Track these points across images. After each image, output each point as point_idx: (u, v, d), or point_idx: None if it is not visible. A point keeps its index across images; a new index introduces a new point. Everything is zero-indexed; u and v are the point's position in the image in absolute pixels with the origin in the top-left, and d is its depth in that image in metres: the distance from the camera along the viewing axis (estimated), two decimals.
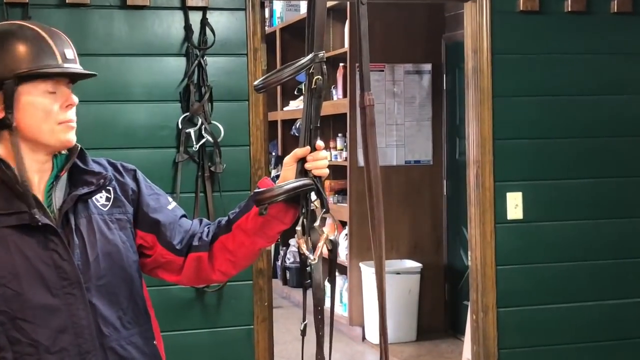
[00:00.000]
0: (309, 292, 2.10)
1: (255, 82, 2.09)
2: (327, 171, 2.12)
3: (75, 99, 2.05)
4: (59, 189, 2.06)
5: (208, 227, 2.22)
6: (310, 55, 2.04)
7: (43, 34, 2.03)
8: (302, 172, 2.08)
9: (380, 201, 2.19)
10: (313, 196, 2.10)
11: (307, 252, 2.06)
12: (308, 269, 2.12)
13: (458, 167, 6.58)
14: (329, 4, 6.32)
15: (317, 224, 2.10)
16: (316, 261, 2.05)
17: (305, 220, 2.08)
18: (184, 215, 2.24)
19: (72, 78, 2.09)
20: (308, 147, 2.08)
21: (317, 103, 2.08)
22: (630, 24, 4.33)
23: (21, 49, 1.98)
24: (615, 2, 4.28)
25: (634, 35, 4.35)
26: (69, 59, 2.04)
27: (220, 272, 2.20)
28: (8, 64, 1.96)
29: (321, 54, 2.06)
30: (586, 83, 4.29)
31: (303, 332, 2.14)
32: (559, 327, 4.28)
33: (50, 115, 2.00)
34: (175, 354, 2.52)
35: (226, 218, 2.19)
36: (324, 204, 2.10)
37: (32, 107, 1.99)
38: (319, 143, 2.10)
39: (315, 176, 2.09)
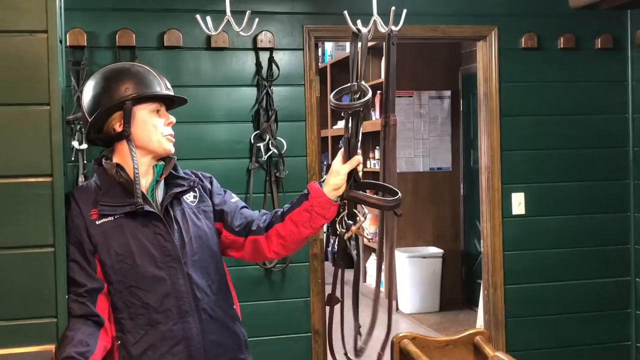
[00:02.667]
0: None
1: (332, 103, 2.14)
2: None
3: (174, 118, 2.15)
4: (159, 190, 2.13)
5: (265, 216, 2.24)
6: (369, 93, 2.08)
7: (150, 69, 2.12)
8: (351, 177, 2.13)
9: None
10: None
11: (365, 234, 2.15)
12: (348, 251, 2.19)
13: (472, 173, 6.55)
14: (369, 44, 6.32)
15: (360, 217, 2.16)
16: (371, 237, 2.18)
17: (359, 215, 2.17)
18: (244, 207, 2.27)
19: (169, 104, 2.17)
20: (356, 158, 2.12)
21: (359, 122, 2.12)
22: (611, 58, 4.28)
23: (135, 79, 2.06)
24: (599, 40, 4.23)
25: (613, 67, 4.29)
26: (169, 88, 2.14)
27: (274, 252, 2.21)
28: (126, 89, 2.04)
29: (363, 83, 2.10)
30: (575, 105, 4.25)
31: (333, 302, 2.26)
32: (553, 300, 4.25)
33: (157, 129, 2.09)
34: (249, 319, 2.56)
35: (282, 210, 2.22)
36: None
37: (144, 122, 2.07)
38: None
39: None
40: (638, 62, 4.28)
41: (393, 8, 2.19)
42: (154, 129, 2.08)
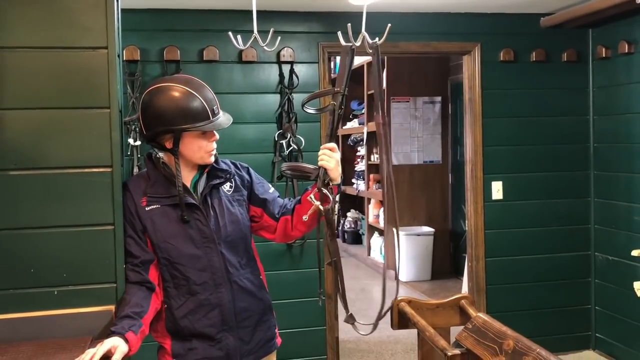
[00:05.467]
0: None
1: (306, 109, 2.17)
2: (326, 163, 2.09)
3: (217, 135, 2.07)
4: (201, 181, 2.10)
5: (290, 200, 2.23)
6: (331, 104, 2.08)
7: (200, 98, 1.99)
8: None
9: (393, 184, 2.19)
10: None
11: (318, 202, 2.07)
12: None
13: (459, 165, 6.51)
14: (368, 59, 6.26)
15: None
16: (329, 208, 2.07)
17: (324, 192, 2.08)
18: (278, 196, 2.26)
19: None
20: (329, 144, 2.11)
21: (334, 120, 2.12)
22: (575, 69, 4.25)
23: (186, 111, 1.97)
24: (565, 54, 4.20)
25: (577, 77, 4.26)
26: (215, 113, 2.03)
27: (297, 229, 2.19)
28: (178, 120, 1.96)
29: (337, 89, 2.08)
30: (545, 108, 4.22)
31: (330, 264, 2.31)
32: (525, 270, 4.24)
33: (201, 148, 2.03)
34: (273, 286, 2.56)
35: (300, 196, 2.20)
36: (320, 186, 2.08)
37: (191, 144, 2.02)
38: (330, 145, 2.12)
39: (319, 167, 2.09)
40: (598, 73, 4.23)
41: (389, 25, 2.20)
42: (198, 149, 2.03)
